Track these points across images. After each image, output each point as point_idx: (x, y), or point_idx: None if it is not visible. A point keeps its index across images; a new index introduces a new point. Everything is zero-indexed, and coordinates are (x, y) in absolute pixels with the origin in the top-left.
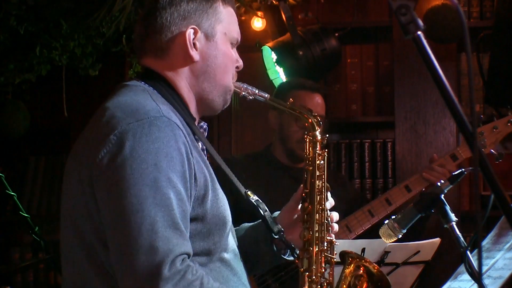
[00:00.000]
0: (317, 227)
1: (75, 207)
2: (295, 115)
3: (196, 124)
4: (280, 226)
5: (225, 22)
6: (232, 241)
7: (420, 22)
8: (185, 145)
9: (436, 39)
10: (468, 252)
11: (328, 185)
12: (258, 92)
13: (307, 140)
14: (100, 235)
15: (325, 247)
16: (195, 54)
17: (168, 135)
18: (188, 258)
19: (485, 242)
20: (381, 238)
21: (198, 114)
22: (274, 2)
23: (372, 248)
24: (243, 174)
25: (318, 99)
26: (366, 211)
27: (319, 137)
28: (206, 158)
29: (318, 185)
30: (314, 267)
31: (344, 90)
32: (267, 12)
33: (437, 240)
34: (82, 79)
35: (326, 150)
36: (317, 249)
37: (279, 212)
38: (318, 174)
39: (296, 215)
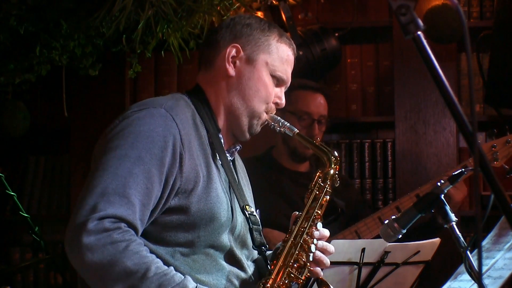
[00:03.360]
0: (291, 248)
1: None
2: (317, 152)
3: (225, 140)
4: (262, 241)
5: (273, 55)
6: (226, 242)
7: (420, 22)
8: (174, 136)
9: (436, 39)
10: (468, 252)
11: (320, 215)
12: (288, 126)
13: (318, 174)
14: None
15: (291, 264)
16: (230, 69)
17: (157, 123)
18: (129, 226)
19: (485, 242)
20: (381, 238)
21: (227, 130)
22: (274, 2)
23: (372, 248)
24: None
25: (320, 99)
26: (376, 218)
27: (331, 173)
28: (212, 162)
29: (309, 212)
30: (272, 277)
31: (344, 90)
32: (267, 12)
33: (437, 240)
34: (82, 79)
35: (328, 184)
36: (282, 263)
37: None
38: (312, 204)
39: None
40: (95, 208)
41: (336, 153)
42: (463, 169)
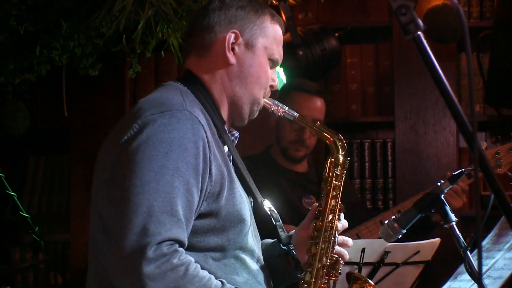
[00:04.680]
0: (324, 244)
1: (99, 192)
2: (321, 136)
3: (228, 131)
4: (289, 239)
5: (270, 38)
6: (251, 242)
7: (420, 22)
8: (203, 140)
9: (436, 39)
10: (468, 252)
11: (342, 205)
12: (287, 110)
13: (329, 162)
14: None
15: (329, 263)
16: (231, 57)
17: (186, 128)
18: (180, 246)
19: (485, 242)
20: (381, 238)
21: (228, 120)
22: (274, 2)
23: (372, 248)
24: None
25: (317, 103)
26: (378, 222)
27: (341, 160)
28: (228, 159)
29: (332, 205)
30: (313, 280)
31: (344, 90)
32: None
33: (437, 240)
34: (82, 79)
35: (345, 171)
36: (320, 264)
37: (294, 231)
38: (333, 194)
39: (308, 233)
40: (147, 231)
41: (340, 135)
42: (463, 169)
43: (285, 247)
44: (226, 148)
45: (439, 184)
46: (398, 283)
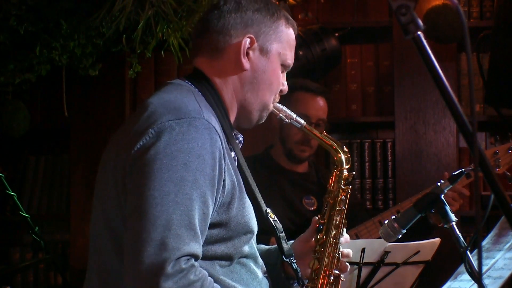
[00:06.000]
0: (327, 260)
1: (107, 196)
2: (326, 146)
3: (233, 134)
4: (292, 251)
5: (284, 43)
6: (253, 248)
7: (420, 22)
8: (219, 150)
9: (436, 39)
10: (468, 252)
11: (346, 221)
12: (295, 117)
13: (334, 174)
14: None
15: (332, 280)
16: (245, 63)
17: (204, 138)
18: (195, 260)
19: (485, 242)
20: (381, 238)
21: (234, 123)
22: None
23: (372, 248)
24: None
25: (320, 103)
26: (377, 222)
27: (345, 174)
28: (236, 166)
29: (336, 220)
30: None
31: (344, 90)
32: None
33: (437, 240)
34: (82, 79)
35: (350, 186)
36: (323, 280)
37: (293, 241)
38: (338, 209)
39: (309, 246)
40: (166, 246)
41: (345, 147)
42: (463, 169)
43: (287, 260)
44: (233, 154)
45: (439, 184)
46: (398, 283)
